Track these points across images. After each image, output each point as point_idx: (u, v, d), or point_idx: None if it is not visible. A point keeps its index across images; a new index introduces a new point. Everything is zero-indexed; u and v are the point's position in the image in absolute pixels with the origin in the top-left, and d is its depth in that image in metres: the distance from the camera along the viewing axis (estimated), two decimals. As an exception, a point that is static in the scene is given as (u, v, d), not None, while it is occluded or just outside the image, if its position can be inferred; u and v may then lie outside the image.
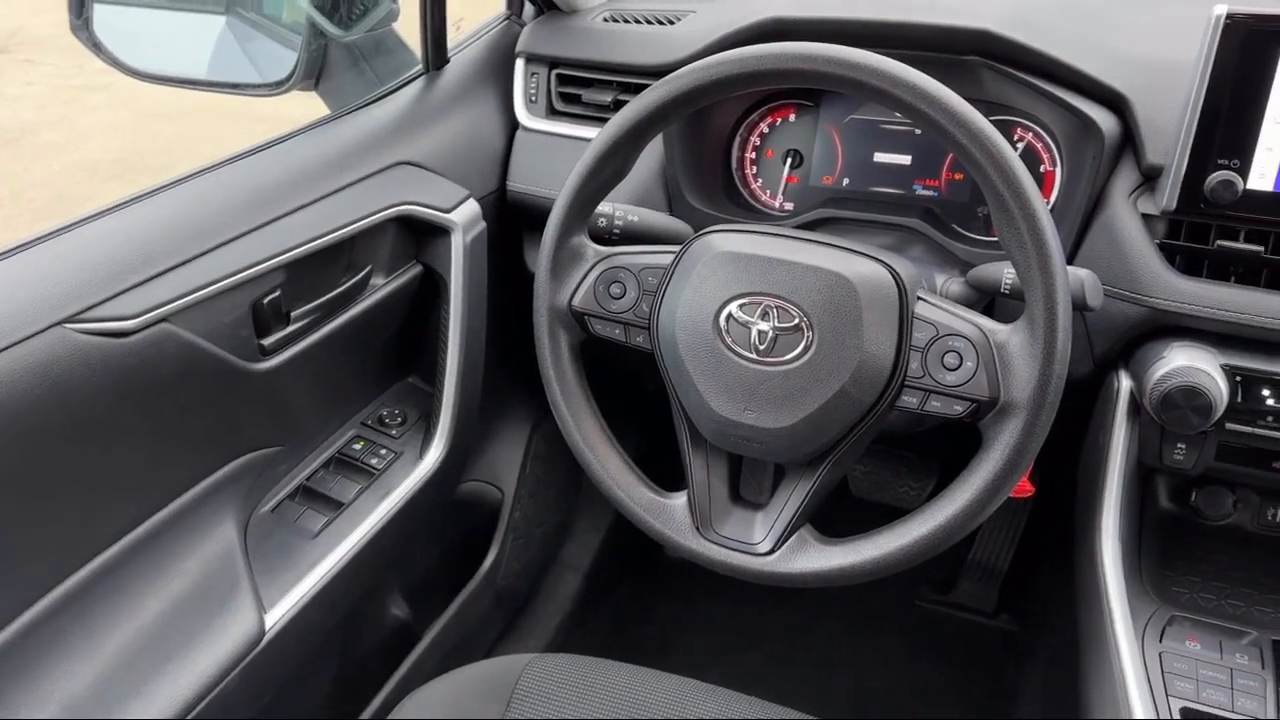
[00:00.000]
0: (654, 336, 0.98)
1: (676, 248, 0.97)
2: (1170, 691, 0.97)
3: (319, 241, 1.13)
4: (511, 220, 1.44)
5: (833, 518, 0.99)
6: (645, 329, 0.99)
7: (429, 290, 1.34)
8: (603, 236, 1.07)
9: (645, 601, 1.96)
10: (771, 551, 0.95)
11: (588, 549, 1.88)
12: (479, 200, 1.34)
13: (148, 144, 5.24)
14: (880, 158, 1.28)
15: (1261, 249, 1.02)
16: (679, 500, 1.00)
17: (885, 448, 1.78)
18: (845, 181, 1.30)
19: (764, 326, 0.91)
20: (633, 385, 1.50)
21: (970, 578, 1.88)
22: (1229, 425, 1.04)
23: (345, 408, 1.34)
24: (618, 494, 1.00)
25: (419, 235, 1.31)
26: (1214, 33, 0.97)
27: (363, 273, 1.24)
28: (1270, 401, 1.02)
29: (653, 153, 1.29)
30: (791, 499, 0.96)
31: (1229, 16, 0.96)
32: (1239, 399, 1.02)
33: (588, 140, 0.98)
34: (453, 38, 1.43)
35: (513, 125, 1.44)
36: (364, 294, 1.25)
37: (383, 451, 1.31)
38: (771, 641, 1.88)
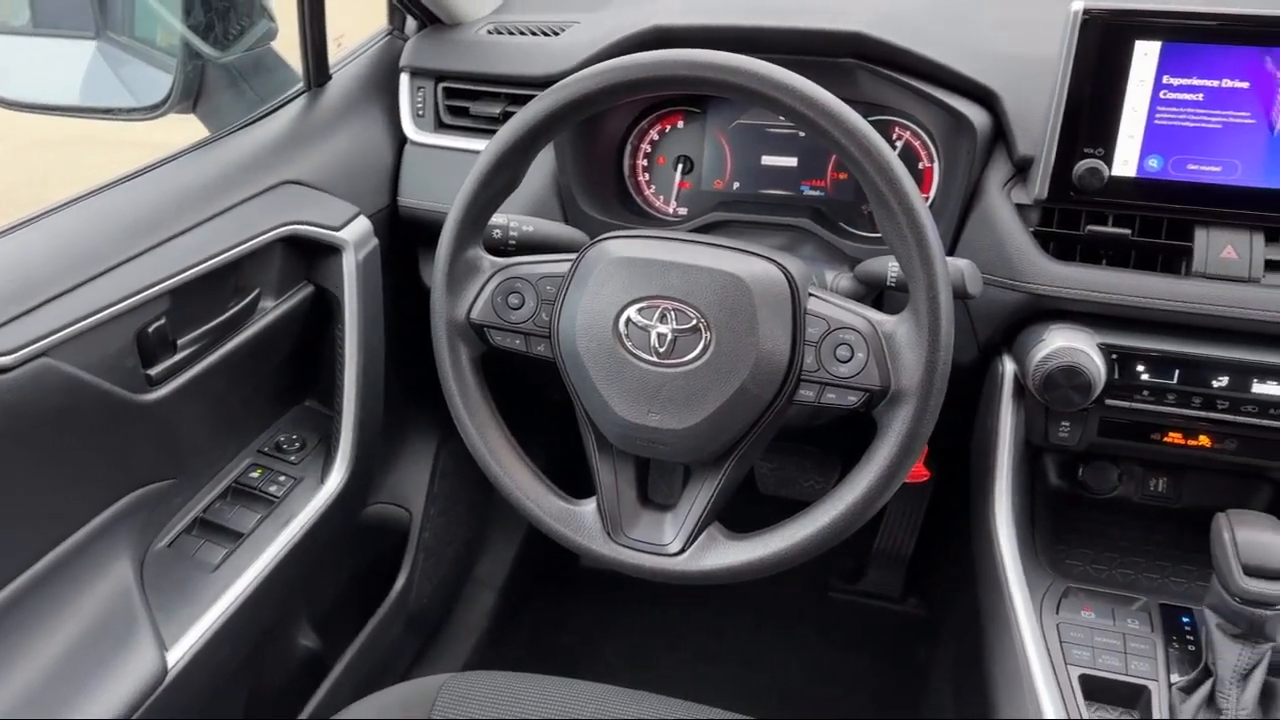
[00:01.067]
0: (555, 345, 0.98)
1: (573, 256, 0.98)
2: (1069, 660, 1.02)
3: (204, 265, 1.10)
4: (405, 236, 1.42)
5: (741, 515, 1.00)
6: (546, 338, 0.99)
7: (322, 311, 1.31)
8: (498, 248, 1.07)
9: (561, 612, 1.95)
10: (682, 551, 0.96)
11: (501, 564, 1.86)
12: (370, 217, 1.32)
13: (22, 176, 5.00)
14: (768, 160, 1.31)
15: (1129, 232, 1.07)
16: (588, 507, 1.00)
17: (788, 444, 1.82)
18: (735, 185, 1.33)
19: (663, 329, 0.92)
20: (538, 396, 1.49)
21: (877, 566, 1.93)
22: (1108, 401, 1.09)
23: (240, 435, 1.31)
24: (526, 504, 1.00)
25: (309, 255, 1.28)
26: (1073, 27, 1.02)
27: (251, 296, 1.21)
28: (1145, 376, 1.07)
29: (545, 163, 1.29)
30: (699, 498, 0.97)
31: (1086, 11, 1.01)
32: (1116, 376, 1.07)
33: (478, 152, 0.98)
34: (334, 54, 1.40)
35: (401, 140, 1.42)
36: (253, 318, 1.22)
37: (282, 479, 1.28)
38: (690, 642, 1.90)
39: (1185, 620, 1.06)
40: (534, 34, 1.37)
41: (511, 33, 1.39)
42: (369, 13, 1.54)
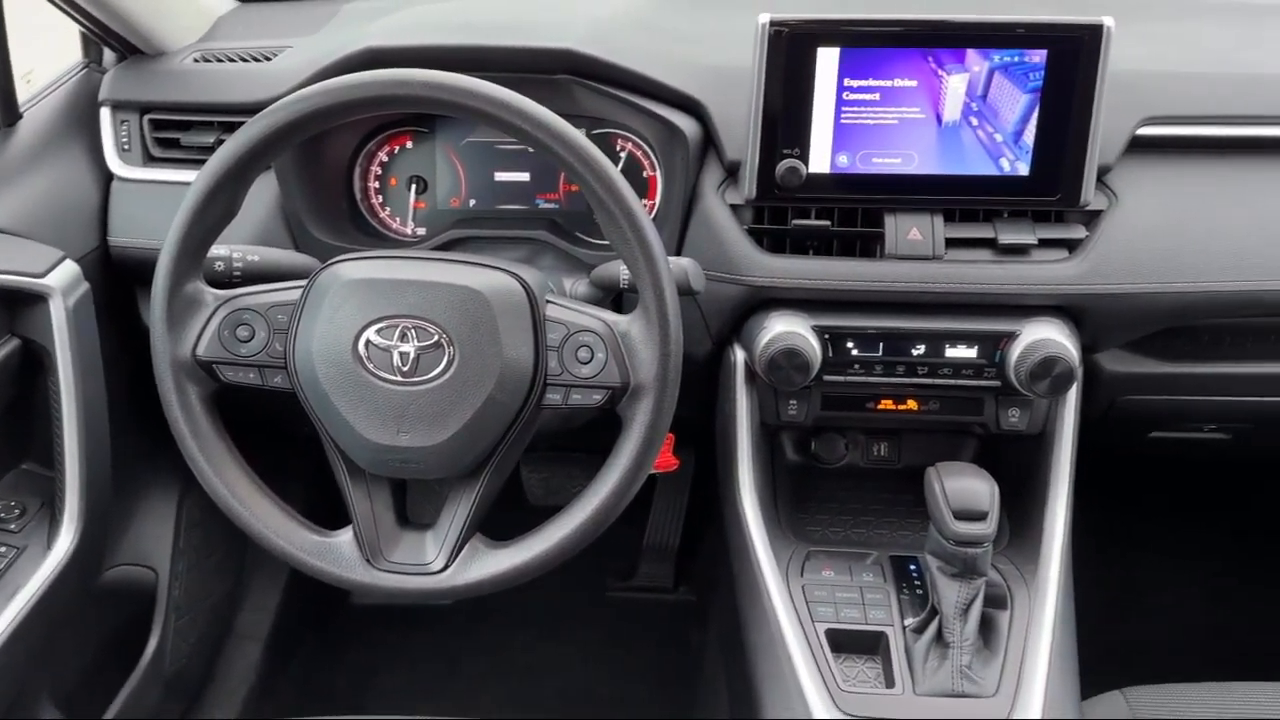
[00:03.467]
0: (292, 375, 0.96)
1: (304, 283, 0.96)
2: (815, 618, 1.10)
3: None
4: (120, 277, 1.34)
5: (514, 528, 1.01)
6: (282, 368, 0.96)
7: (31, 365, 1.21)
8: (222, 280, 1.03)
9: (336, 652, 1.89)
10: (446, 567, 0.97)
11: (265, 612, 1.78)
12: (78, 261, 1.24)
13: None
14: (501, 176, 1.34)
15: (829, 223, 1.17)
16: (344, 536, 0.98)
17: (554, 452, 1.85)
18: (472, 202, 1.34)
19: (405, 348, 0.92)
20: (285, 432, 1.44)
21: (649, 560, 1.99)
22: (826, 378, 1.19)
23: (-52, 509, 1.19)
24: (277, 542, 0.97)
25: (10, 306, 1.19)
26: (762, 38, 1.10)
27: (-54, 356, 1.11)
28: (854, 351, 1.18)
29: (268, 190, 1.26)
30: (459, 513, 0.98)
31: (773, 23, 1.10)
32: (830, 354, 1.18)
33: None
34: (23, 92, 1.30)
35: (106, 177, 1.34)
36: (-50, 379, 1.12)
37: (1, 549, 1.17)
38: (472, 662, 1.89)
39: (912, 567, 1.17)
40: (245, 60, 1.33)
41: (220, 60, 1.34)
42: (61, 46, 1.44)
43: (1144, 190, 1.18)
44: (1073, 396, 1.20)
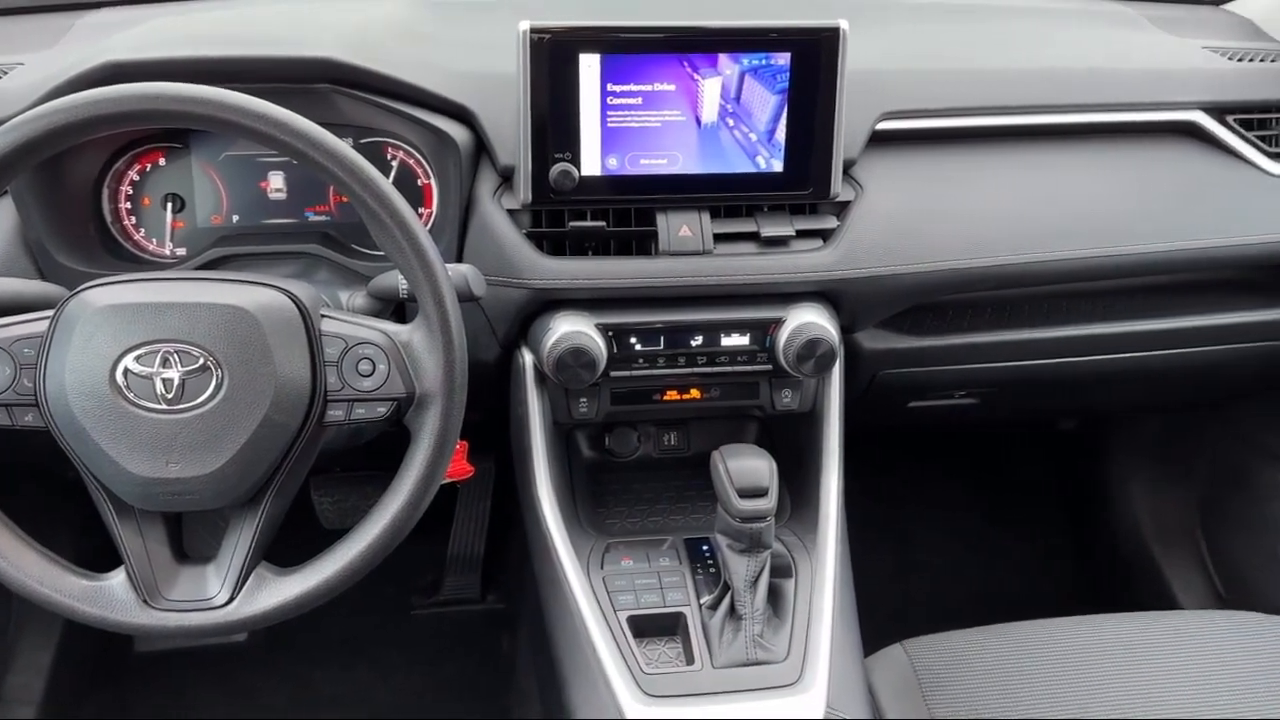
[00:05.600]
0: (45, 412, 0.90)
1: (50, 313, 0.90)
2: (617, 606, 1.13)
3: None
4: None
5: (310, 554, 0.98)
6: (33, 406, 0.90)
7: None
8: None
9: (123, 707, 1.78)
10: (230, 600, 0.94)
11: (36, 672, 1.65)
12: None
13: None
14: (266, 190, 1.29)
15: (604, 224, 1.21)
16: (116, 578, 0.93)
17: (347, 473, 1.80)
18: (235, 218, 1.29)
19: (169, 374, 0.88)
20: (47, 476, 1.34)
21: (454, 572, 1.98)
22: (613, 373, 1.22)
23: None
24: (40, 590, 0.91)
25: None
26: (524, 45, 1.12)
27: None
28: (638, 346, 1.22)
29: (8, 216, 1.17)
30: (240, 541, 0.95)
31: (533, 30, 1.12)
32: (615, 350, 1.21)
33: None
34: None
35: None
36: None
37: None
38: (275, 698, 1.82)
39: (705, 548, 1.22)
40: (-31, 78, 1.22)
41: (-62, 79, 1.23)
42: None
43: (886, 180, 1.28)
44: (837, 374, 1.29)
